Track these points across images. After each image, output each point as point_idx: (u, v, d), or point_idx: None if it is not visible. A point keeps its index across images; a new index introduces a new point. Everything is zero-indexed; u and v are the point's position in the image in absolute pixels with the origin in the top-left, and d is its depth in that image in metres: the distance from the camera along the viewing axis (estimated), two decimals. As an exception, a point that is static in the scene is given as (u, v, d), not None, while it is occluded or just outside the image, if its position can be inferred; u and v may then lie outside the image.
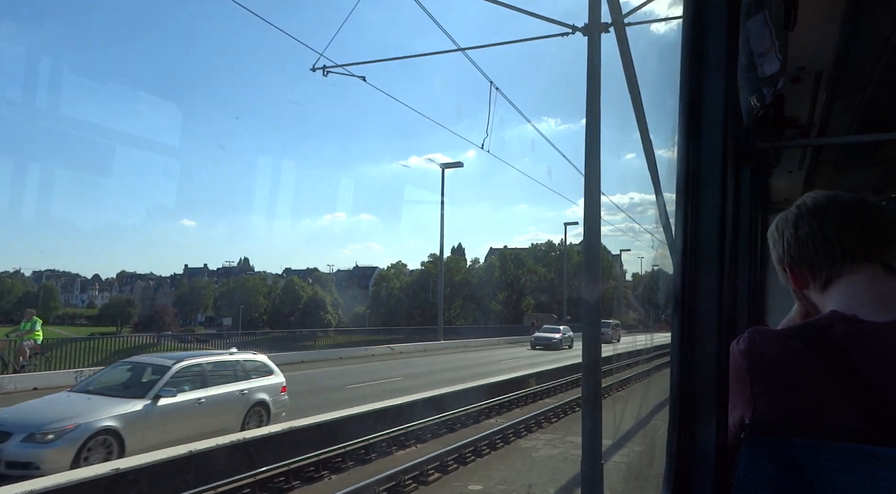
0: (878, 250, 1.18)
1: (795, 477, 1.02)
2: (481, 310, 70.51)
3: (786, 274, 1.30)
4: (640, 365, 24.65)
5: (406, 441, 11.17)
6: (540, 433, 12.67)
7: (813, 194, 1.27)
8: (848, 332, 1.09)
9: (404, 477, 8.64)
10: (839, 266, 1.19)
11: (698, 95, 1.12)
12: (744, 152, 2.59)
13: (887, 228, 1.20)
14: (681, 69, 1.12)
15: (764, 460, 1.04)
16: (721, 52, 1.11)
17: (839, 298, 1.18)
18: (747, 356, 1.13)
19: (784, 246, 1.27)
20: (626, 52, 5.64)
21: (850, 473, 0.98)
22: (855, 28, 2.56)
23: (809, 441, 1.03)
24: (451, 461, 9.72)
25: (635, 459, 10.53)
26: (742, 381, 1.13)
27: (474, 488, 8.69)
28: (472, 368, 22.82)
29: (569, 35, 8.99)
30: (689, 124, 1.12)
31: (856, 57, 2.83)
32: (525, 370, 21.00)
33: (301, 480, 8.74)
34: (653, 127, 4.66)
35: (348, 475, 9.25)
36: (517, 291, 74.90)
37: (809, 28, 2.46)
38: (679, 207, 1.13)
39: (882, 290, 1.15)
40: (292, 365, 23.40)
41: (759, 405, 1.11)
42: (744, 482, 1.05)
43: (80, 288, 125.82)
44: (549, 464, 10.05)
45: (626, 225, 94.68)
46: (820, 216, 1.22)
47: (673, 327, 1.14)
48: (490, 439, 11.15)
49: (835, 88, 3.20)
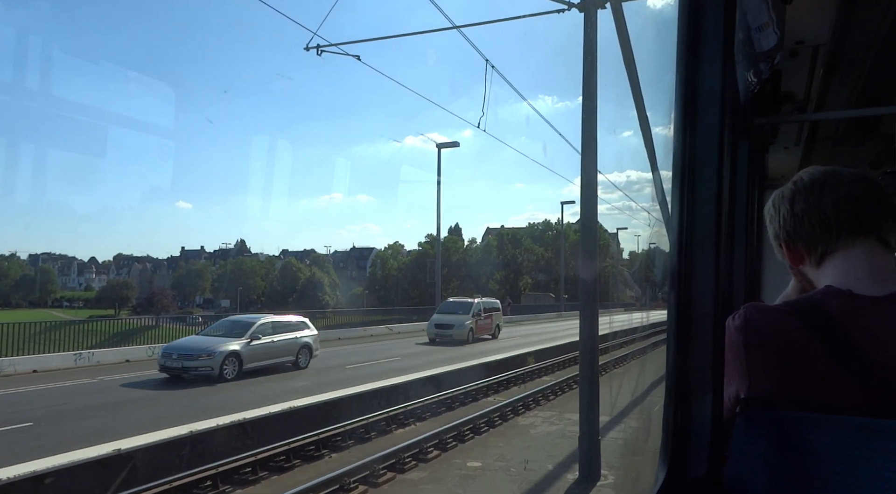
0: (874, 226, 1.18)
1: (789, 450, 1.03)
2: (479, 290, 70.73)
3: (782, 250, 1.30)
4: (635, 343, 24.78)
5: (405, 419, 11.27)
6: (538, 410, 12.80)
7: (810, 169, 1.27)
8: (843, 307, 1.09)
9: (404, 455, 8.74)
10: (835, 242, 1.19)
11: (695, 71, 1.10)
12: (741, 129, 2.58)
13: (884, 203, 1.20)
14: (677, 45, 1.11)
15: (758, 434, 1.06)
16: (718, 28, 1.10)
17: (835, 273, 1.18)
18: (743, 332, 1.14)
19: (780, 222, 1.27)
20: (623, 28, 5.59)
21: (844, 445, 0.99)
22: (854, 1, 2.53)
23: (804, 415, 1.04)
24: (450, 439, 9.83)
25: (632, 435, 10.66)
26: (738, 356, 1.14)
27: (473, 465, 8.80)
28: (469, 347, 22.95)
29: (564, 12, 8.89)
30: (686, 101, 1.11)
31: (854, 31, 2.81)
32: (522, 349, 21.12)
33: (301, 459, 8.84)
34: (650, 104, 4.64)
35: (348, 453, 9.35)
36: (514, 270, 75.01)
37: (807, 1, 2.43)
38: (676, 184, 1.13)
39: (877, 265, 1.15)
40: (291, 346, 23.54)
41: (755, 379, 1.12)
42: (738, 455, 1.06)
43: (77, 271, 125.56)
44: (548, 441, 10.16)
45: (624, 203, 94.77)
46: (817, 192, 1.21)
47: (670, 304, 1.14)
48: (488, 417, 11.26)
49: (833, 63, 3.18)
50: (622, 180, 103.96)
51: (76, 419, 10.29)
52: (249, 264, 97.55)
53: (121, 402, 11.91)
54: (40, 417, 10.37)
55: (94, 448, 7.85)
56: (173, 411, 10.83)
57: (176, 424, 9.17)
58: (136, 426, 9.28)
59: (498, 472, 8.48)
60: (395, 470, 8.43)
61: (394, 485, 8.06)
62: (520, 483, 7.97)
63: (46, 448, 8.14)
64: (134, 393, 12.94)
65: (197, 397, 12.49)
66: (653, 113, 4.52)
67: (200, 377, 14.42)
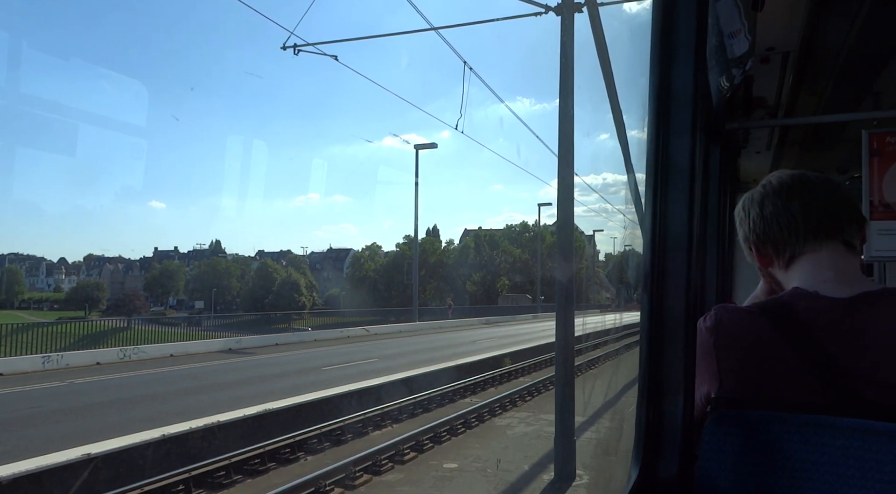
0: (840, 229, 1.21)
1: (758, 448, 1.05)
2: (456, 291, 70.75)
3: (751, 253, 1.32)
4: (608, 345, 24.98)
5: (382, 421, 11.22)
6: (514, 411, 12.83)
7: (778, 173, 1.29)
8: (810, 308, 1.12)
9: (380, 457, 8.70)
10: (802, 245, 1.22)
11: (668, 75, 1.12)
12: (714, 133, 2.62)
13: (849, 207, 1.23)
14: (650, 50, 1.13)
15: (728, 432, 1.08)
16: (691, 33, 1.11)
17: (802, 275, 1.21)
18: (713, 333, 1.16)
19: (750, 225, 1.29)
20: (599, 32, 5.65)
21: (811, 443, 1.01)
22: (822, 9, 2.59)
23: (772, 414, 1.06)
24: (426, 440, 9.81)
25: (606, 435, 10.76)
26: (709, 357, 1.16)
27: (450, 466, 8.79)
28: (446, 349, 22.94)
29: (542, 15, 8.95)
30: (659, 105, 1.13)
31: (822, 39, 2.87)
32: (498, 350, 21.17)
33: (277, 462, 8.75)
34: (625, 107, 4.68)
35: (324, 456, 9.28)
36: (492, 272, 75.23)
37: (778, 9, 2.48)
38: (649, 186, 1.14)
39: (843, 267, 1.18)
40: (266, 348, 23.28)
41: (725, 379, 1.14)
42: (708, 454, 1.08)
43: (46, 272, 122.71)
44: (524, 441, 10.20)
45: (600, 206, 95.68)
46: (785, 196, 1.24)
47: (643, 306, 1.16)
48: (465, 418, 11.26)
49: (802, 70, 3.25)
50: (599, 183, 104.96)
51: (46, 423, 10.06)
52: (224, 264, 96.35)
53: (91, 405, 11.67)
54: (7, 421, 10.11)
55: (63, 453, 7.68)
56: (147, 413, 10.64)
57: (149, 427, 9.02)
58: (110, 429, 9.10)
59: (474, 473, 8.49)
60: (372, 472, 8.38)
61: (370, 487, 8.02)
62: (496, 484, 7.98)
63: (13, 454, 7.93)
64: (104, 395, 12.68)
65: (170, 398, 12.28)
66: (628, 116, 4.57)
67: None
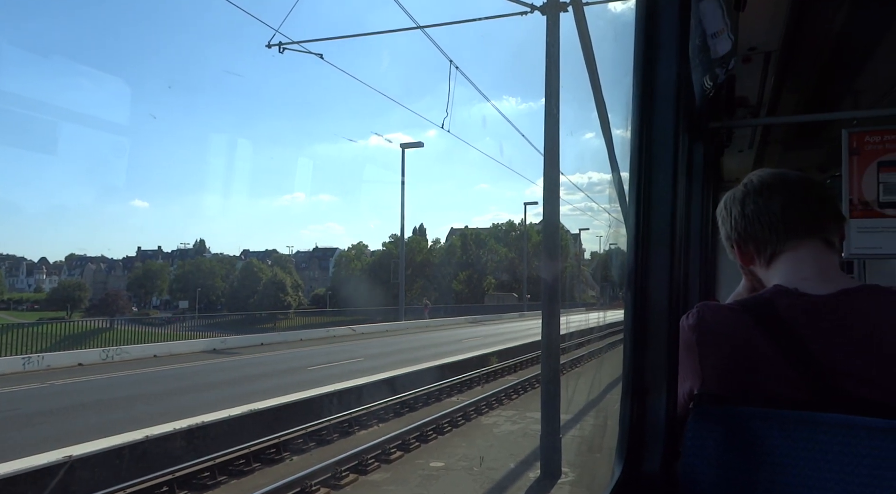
0: (820, 227, 1.22)
1: (740, 444, 1.06)
2: (442, 290, 70.74)
3: (733, 251, 1.33)
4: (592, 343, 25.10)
5: (368, 421, 11.20)
6: (501, 409, 12.87)
7: (759, 172, 1.31)
8: (791, 305, 1.13)
9: (366, 457, 8.68)
10: (783, 242, 1.23)
11: (651, 74, 1.13)
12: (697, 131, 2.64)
13: (828, 205, 1.24)
14: (634, 49, 1.13)
15: (711, 429, 1.08)
16: (673, 33, 1.12)
17: (783, 272, 1.22)
18: (696, 330, 1.17)
19: (731, 223, 1.30)
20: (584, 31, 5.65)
21: (790, 438, 1.03)
22: (804, 9, 2.62)
23: (754, 410, 1.07)
24: (412, 439, 9.80)
25: (590, 432, 10.82)
26: (691, 354, 1.17)
27: (436, 465, 8.79)
28: (433, 348, 22.94)
29: (528, 14, 8.97)
30: (643, 104, 1.14)
31: (803, 39, 2.90)
32: (485, 349, 21.21)
33: (262, 462, 8.70)
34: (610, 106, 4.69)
35: (310, 455, 9.24)
36: (478, 270, 75.32)
37: (759, 8, 2.50)
38: (632, 185, 1.15)
39: (822, 265, 1.20)
40: (252, 348, 23.13)
41: (707, 376, 1.15)
42: (691, 450, 1.09)
43: (27, 272, 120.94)
44: (510, 439, 10.23)
45: (586, 204, 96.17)
46: (766, 194, 1.25)
47: (627, 303, 1.16)
48: (451, 417, 11.27)
49: (783, 69, 3.28)
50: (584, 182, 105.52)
51: (26, 426, 9.91)
52: (209, 264, 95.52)
53: (72, 407, 11.52)
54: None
55: (42, 456, 7.57)
56: (130, 415, 10.53)
57: (133, 428, 8.92)
58: (91, 431, 8.99)
59: (461, 472, 8.50)
60: (358, 472, 8.36)
61: (356, 487, 7.99)
62: (482, 483, 8.00)
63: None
64: (86, 397, 12.53)
65: (154, 399, 12.17)
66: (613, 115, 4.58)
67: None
